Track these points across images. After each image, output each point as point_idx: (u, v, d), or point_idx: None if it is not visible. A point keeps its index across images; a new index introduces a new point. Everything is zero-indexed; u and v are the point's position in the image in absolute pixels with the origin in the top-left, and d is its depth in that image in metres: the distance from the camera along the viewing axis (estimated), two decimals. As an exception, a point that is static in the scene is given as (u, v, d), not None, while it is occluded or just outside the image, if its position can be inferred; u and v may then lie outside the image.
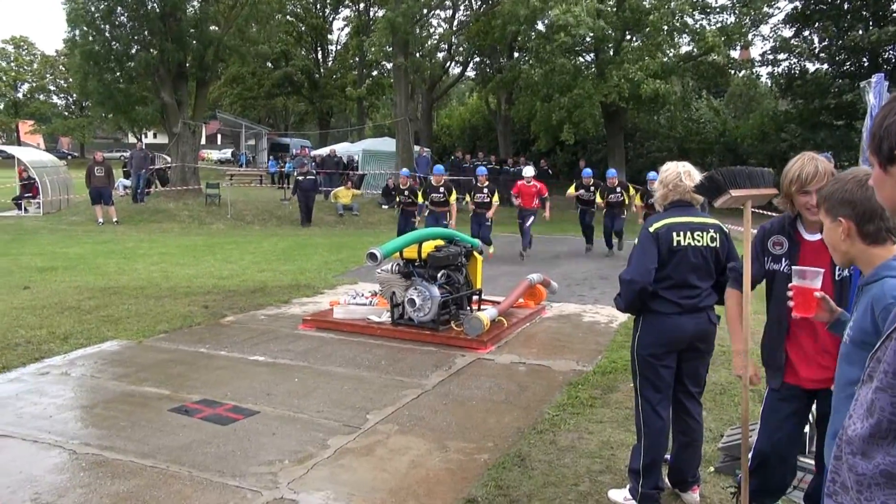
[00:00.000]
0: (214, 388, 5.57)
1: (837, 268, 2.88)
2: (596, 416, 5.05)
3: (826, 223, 2.19)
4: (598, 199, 14.03)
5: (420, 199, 13.18)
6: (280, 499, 3.79)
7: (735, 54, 24.94)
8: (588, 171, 14.97)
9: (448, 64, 32.51)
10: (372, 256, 7.14)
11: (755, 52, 27.48)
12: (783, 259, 3.09)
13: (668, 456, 3.85)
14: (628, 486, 3.74)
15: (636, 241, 3.62)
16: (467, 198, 13.47)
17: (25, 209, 20.85)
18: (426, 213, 13.14)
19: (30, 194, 21.12)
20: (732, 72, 25.40)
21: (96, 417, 4.96)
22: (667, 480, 3.83)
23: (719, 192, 3.14)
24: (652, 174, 12.44)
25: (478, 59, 30.03)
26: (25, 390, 5.50)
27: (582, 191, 14.50)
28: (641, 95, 20.82)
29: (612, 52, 22.67)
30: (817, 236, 3.00)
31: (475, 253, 8.12)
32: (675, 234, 3.50)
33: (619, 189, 13.92)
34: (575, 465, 4.24)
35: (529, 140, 28.82)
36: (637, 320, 3.65)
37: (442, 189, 11.81)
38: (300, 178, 19.74)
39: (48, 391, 5.49)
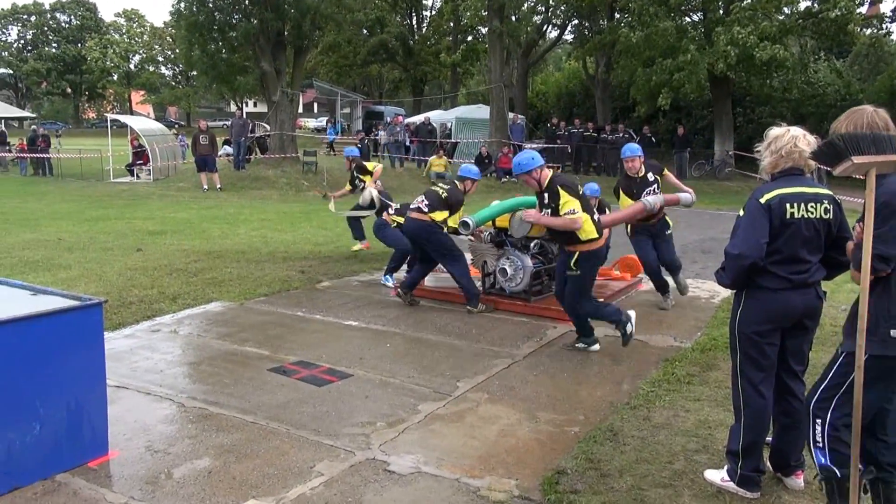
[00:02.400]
0: (310, 351, 5.74)
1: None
2: (693, 393, 4.90)
3: None
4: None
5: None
6: (372, 459, 3.88)
7: (862, 9, 23.00)
8: (634, 147, 7.42)
9: (545, 27, 31.75)
10: (464, 225, 7.12)
11: (886, 7, 25.31)
12: None
13: (769, 438, 3.70)
14: (726, 468, 3.62)
15: (741, 211, 3.43)
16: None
17: (137, 176, 21.99)
18: None
19: (141, 161, 22.27)
20: (858, 29, 23.27)
21: (202, 374, 5.21)
22: (768, 463, 3.68)
23: (839, 159, 2.87)
24: (630, 148, 7.36)
25: (576, 21, 29.14)
26: (139, 346, 5.83)
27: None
28: (756, 61, 19.41)
29: (721, 12, 21.43)
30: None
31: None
32: (788, 205, 3.28)
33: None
34: (669, 442, 4.13)
35: (629, 106, 27.86)
36: (739, 295, 3.47)
37: None
38: (359, 145, 20.17)
39: (159, 347, 5.80)
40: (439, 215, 7.16)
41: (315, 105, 63.69)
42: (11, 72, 67.32)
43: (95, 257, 9.49)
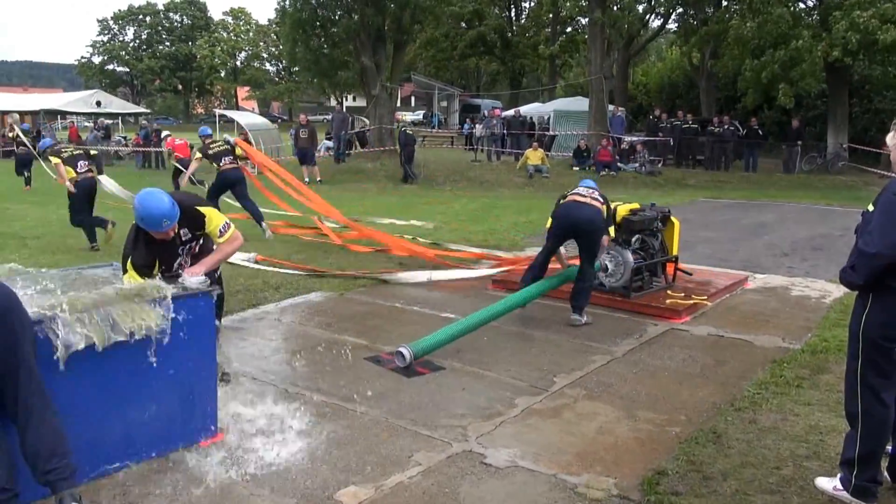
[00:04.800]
0: (408, 342, 5.79)
1: None
2: (803, 397, 4.67)
3: None
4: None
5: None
6: (469, 451, 3.91)
7: None
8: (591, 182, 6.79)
9: (648, 16, 30.84)
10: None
11: None
12: None
13: (889, 448, 3.48)
14: (839, 476, 3.44)
15: (871, 206, 3.22)
16: None
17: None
18: None
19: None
20: None
21: (304, 361, 5.38)
22: (886, 474, 3.47)
23: None
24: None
25: (680, 10, 28.16)
26: (245, 333, 6.07)
27: None
28: (878, 43, 18.08)
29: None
30: None
31: (671, 218, 7.76)
32: None
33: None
34: (777, 447, 3.97)
35: (735, 97, 26.67)
36: (864, 297, 3.27)
37: None
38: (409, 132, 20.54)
39: (264, 334, 6.03)
40: None
41: (412, 99, 64.38)
42: (128, 70, 71.46)
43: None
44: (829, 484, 3.48)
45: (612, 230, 6.64)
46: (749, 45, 20.54)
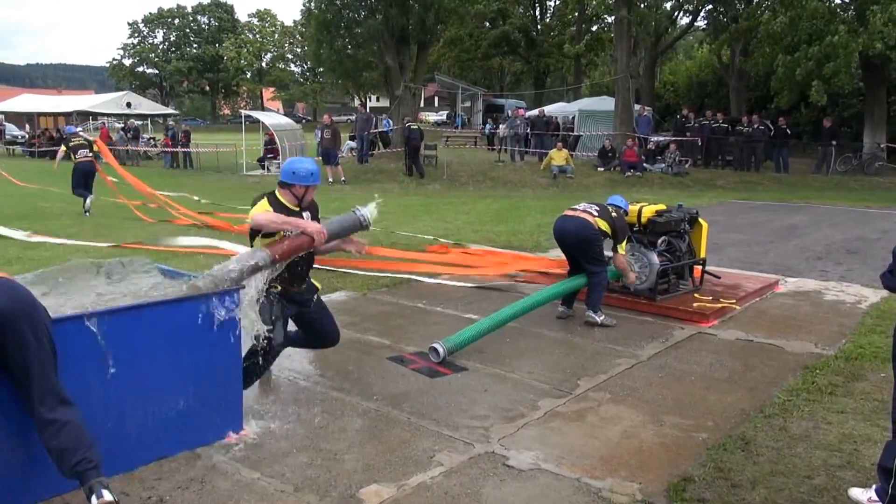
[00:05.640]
0: (430, 342, 5.75)
1: None
2: (836, 405, 4.54)
3: None
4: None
5: None
6: (491, 453, 3.87)
7: None
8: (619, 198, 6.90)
9: (676, 14, 30.43)
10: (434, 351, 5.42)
11: None
12: None
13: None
14: (875, 487, 3.32)
15: None
16: None
17: (268, 169, 23.05)
18: None
19: (271, 155, 23.35)
20: None
21: (327, 360, 5.36)
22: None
23: None
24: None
25: (710, 6, 27.75)
26: (268, 331, 6.06)
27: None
28: None
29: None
30: None
31: (699, 219, 7.63)
32: None
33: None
34: (808, 455, 3.86)
35: (766, 96, 26.16)
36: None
37: None
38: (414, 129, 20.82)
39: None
40: None
41: (436, 99, 64.35)
42: (157, 72, 72.39)
43: (229, 245, 9.96)
44: (863, 495, 3.37)
45: (622, 246, 6.49)
46: (781, 41, 20.13)
